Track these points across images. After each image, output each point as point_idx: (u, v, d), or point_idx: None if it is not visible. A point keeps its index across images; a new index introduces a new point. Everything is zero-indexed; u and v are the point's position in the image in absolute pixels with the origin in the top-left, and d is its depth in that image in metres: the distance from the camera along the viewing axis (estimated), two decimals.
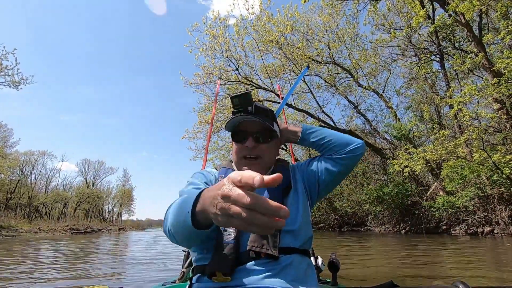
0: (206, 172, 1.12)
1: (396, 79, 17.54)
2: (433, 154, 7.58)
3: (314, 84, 17.42)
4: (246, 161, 1.06)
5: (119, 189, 57.18)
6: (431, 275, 3.33)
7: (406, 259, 4.93)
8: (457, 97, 7.81)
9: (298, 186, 1.09)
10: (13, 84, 16.17)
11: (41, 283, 3.43)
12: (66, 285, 3.36)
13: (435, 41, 12.24)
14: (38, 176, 44.79)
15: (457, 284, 0.57)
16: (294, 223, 0.97)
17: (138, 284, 3.22)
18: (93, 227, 31.95)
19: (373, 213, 14.96)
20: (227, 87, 14.58)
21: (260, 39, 13.05)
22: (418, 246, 7.08)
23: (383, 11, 14.67)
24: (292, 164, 1.21)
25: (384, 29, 15.13)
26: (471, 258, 4.87)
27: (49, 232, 24.27)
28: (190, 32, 12.66)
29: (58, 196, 43.66)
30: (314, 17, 15.58)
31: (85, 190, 47.91)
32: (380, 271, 3.82)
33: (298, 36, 14.61)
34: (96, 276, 3.88)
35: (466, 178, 8.79)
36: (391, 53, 16.65)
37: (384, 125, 16.43)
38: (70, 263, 5.36)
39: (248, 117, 1.03)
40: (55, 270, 4.54)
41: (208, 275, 0.85)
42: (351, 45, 15.73)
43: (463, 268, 3.89)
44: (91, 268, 4.67)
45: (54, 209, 46.01)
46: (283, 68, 14.59)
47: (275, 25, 13.30)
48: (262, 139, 1.07)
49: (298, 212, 1.00)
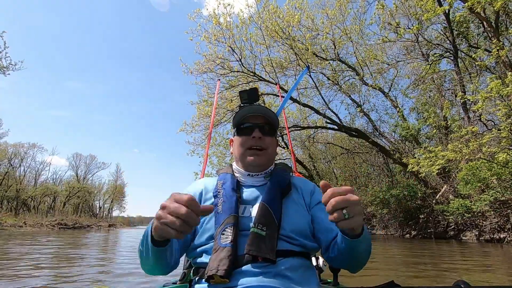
0: (195, 186, 1.13)
1: (402, 79, 17.01)
2: (457, 153, 6.97)
3: (317, 82, 16.84)
4: (252, 151, 1.07)
5: (111, 184, 55.85)
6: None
7: (426, 269, 4.29)
8: (482, 93, 7.22)
9: (300, 195, 1.07)
10: (1, 69, 15.16)
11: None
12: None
13: (449, 38, 11.68)
14: (27, 169, 43.52)
15: (459, 283, 0.55)
16: (292, 225, 0.96)
17: (138, 285, 3.22)
18: (82, 223, 30.89)
19: (378, 216, 14.36)
20: (228, 79, 13.91)
21: (266, 28, 12.37)
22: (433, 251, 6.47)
23: (390, 9, 14.15)
24: (299, 177, 1.23)
25: (391, 28, 14.63)
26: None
27: (35, 227, 23.21)
28: (192, 17, 11.91)
29: (47, 189, 42.34)
30: (320, 11, 15.01)
31: (75, 184, 46.59)
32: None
33: (303, 31, 14.07)
34: (96, 275, 3.83)
35: (485, 180, 8.21)
36: (399, 53, 16.24)
37: (391, 125, 15.88)
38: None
39: (258, 108, 1.10)
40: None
41: (206, 278, 0.85)
42: (358, 42, 15.17)
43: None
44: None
45: (43, 203, 44.69)
46: (289, 60, 13.95)
47: (281, 16, 12.67)
48: (267, 132, 1.10)
49: (297, 215, 1.00)
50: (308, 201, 1.07)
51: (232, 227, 0.90)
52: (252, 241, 0.88)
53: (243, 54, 12.85)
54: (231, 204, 0.96)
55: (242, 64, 12.87)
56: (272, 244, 0.88)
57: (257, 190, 1.04)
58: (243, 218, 0.96)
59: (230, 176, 1.09)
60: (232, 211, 0.94)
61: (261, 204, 0.96)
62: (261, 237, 0.88)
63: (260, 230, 0.89)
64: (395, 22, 14.09)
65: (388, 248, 8.19)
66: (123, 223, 58.34)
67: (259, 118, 1.10)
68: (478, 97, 7.16)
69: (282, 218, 0.95)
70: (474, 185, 8.49)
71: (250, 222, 0.94)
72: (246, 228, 0.93)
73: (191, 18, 12.02)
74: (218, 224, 0.93)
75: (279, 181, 1.05)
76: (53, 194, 43.70)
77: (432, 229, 11.47)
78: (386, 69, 16.44)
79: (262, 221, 0.91)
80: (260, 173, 1.09)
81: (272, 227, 0.91)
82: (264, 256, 0.86)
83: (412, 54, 15.74)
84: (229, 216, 0.93)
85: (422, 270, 4.29)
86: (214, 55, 12.33)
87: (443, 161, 7.33)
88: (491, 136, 6.76)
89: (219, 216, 0.95)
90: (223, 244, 0.88)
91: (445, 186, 11.30)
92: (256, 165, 1.07)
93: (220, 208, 0.96)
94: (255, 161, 1.06)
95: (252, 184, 1.07)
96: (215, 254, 0.87)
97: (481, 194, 8.50)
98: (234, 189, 1.02)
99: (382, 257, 5.94)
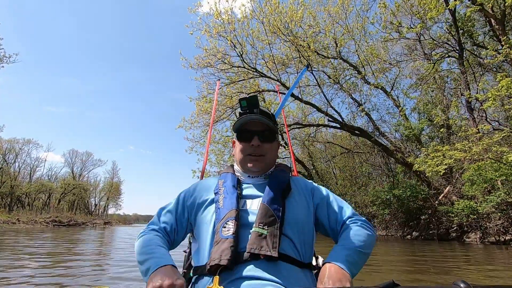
0: (194, 186, 1.16)
1: (403, 79, 16.82)
2: (467, 152, 6.75)
3: (319, 80, 16.59)
4: (251, 158, 1.11)
5: (107, 182, 55.27)
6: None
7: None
8: (492, 91, 7.02)
9: (301, 195, 1.09)
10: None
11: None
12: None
13: (455, 37, 11.48)
14: (22, 165, 42.94)
15: (458, 283, 0.55)
16: (294, 223, 0.98)
17: (138, 285, 3.21)
18: (77, 220, 30.45)
19: (379, 216, 14.15)
20: (228, 76, 13.64)
21: (268, 23, 12.09)
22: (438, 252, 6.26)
23: (392, 9, 13.96)
24: (298, 176, 1.31)
25: (393, 28, 14.44)
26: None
27: (29, 224, 22.78)
28: (193, 10, 11.62)
29: (42, 186, 41.76)
30: (321, 9, 14.76)
31: (71, 181, 46.00)
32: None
33: (305, 28, 13.82)
34: (96, 275, 3.78)
35: (490, 181, 8.02)
36: (401, 53, 16.05)
37: (392, 125, 15.68)
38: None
39: (256, 117, 1.11)
40: None
41: (209, 268, 0.86)
42: (360, 41, 14.95)
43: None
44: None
45: (37, 200, 44.12)
46: (291, 57, 13.70)
47: (284, 11, 12.41)
48: (266, 139, 1.12)
49: (298, 213, 1.01)
50: (310, 200, 1.09)
51: (234, 220, 0.92)
52: (254, 240, 0.89)
53: (244, 50, 12.58)
54: (232, 200, 0.99)
55: (243, 60, 12.59)
56: (273, 242, 0.89)
57: (257, 188, 1.08)
58: (243, 212, 0.98)
59: (230, 174, 1.13)
60: (234, 206, 0.97)
61: (261, 204, 0.98)
62: (263, 236, 0.89)
63: (261, 229, 0.90)
64: (397, 21, 13.91)
65: (390, 251, 7.98)
66: (119, 221, 57.80)
67: (258, 125, 1.13)
68: (488, 95, 6.94)
69: (284, 216, 0.97)
70: (480, 186, 8.29)
71: (248, 215, 0.97)
72: (246, 222, 0.95)
73: (192, 11, 11.73)
74: (219, 218, 0.95)
75: (279, 181, 1.08)
76: (48, 191, 43.15)
77: (434, 230, 11.28)
78: (388, 68, 16.25)
79: (263, 220, 0.93)
80: (260, 176, 1.13)
81: (273, 225, 0.92)
82: (265, 253, 0.86)
83: (414, 53, 15.59)
84: (231, 210, 0.95)
85: (427, 272, 4.15)
86: (215, 49, 12.03)
87: (451, 161, 7.11)
88: (502, 135, 6.55)
89: (220, 211, 0.97)
90: (224, 236, 0.89)
91: (448, 187, 11.12)
92: (255, 171, 1.11)
93: (221, 204, 0.99)
94: (254, 167, 1.10)
95: (252, 182, 1.11)
96: (216, 246, 0.89)
97: (488, 195, 8.30)
98: (235, 186, 1.06)
99: (385, 260, 5.72)
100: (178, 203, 1.11)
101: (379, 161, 16.89)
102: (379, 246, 9.55)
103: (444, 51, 12.81)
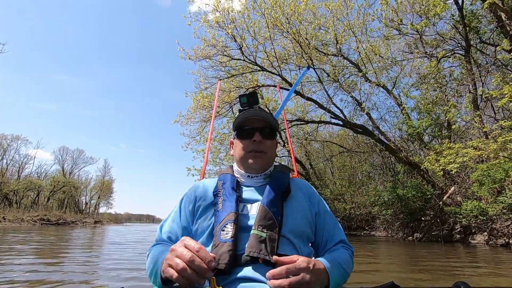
0: (194, 189, 1.13)
1: (405, 78, 16.57)
2: (483, 150, 6.41)
3: (320, 76, 16.23)
4: (253, 154, 1.09)
5: (98, 180, 54.11)
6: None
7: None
8: (506, 87, 6.69)
9: (301, 198, 1.08)
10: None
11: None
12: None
13: (462, 33, 11.19)
14: (10, 161, 41.74)
15: (458, 284, 0.53)
16: (293, 227, 0.97)
17: (139, 284, 3.14)
18: (66, 219, 29.54)
19: (381, 217, 13.80)
20: (227, 70, 13.16)
21: (268, 16, 11.64)
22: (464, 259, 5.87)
23: (393, 6, 13.68)
24: (298, 178, 1.25)
25: (394, 25, 14.18)
26: None
27: (15, 222, 21.90)
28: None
29: (31, 183, 40.59)
30: (322, 4, 14.39)
31: (61, 179, 44.83)
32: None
33: (305, 25, 13.44)
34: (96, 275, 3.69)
35: (501, 182, 7.71)
36: (403, 51, 15.77)
37: (394, 123, 15.41)
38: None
39: (257, 112, 1.10)
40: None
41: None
42: (361, 38, 14.62)
43: None
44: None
45: (26, 197, 42.88)
46: (293, 50, 13.31)
47: (286, 4, 11.99)
48: (267, 135, 1.12)
49: (297, 216, 1.01)
50: (310, 204, 1.09)
51: (233, 223, 0.91)
52: (253, 243, 0.88)
53: (244, 43, 12.10)
54: (231, 202, 0.98)
55: (243, 53, 12.12)
56: (272, 246, 0.88)
57: (257, 190, 1.07)
58: (242, 216, 0.97)
59: (230, 176, 1.11)
60: (233, 208, 0.95)
61: (260, 206, 0.96)
62: (262, 238, 0.88)
63: (260, 232, 0.89)
64: (398, 19, 13.66)
65: (391, 253, 7.59)
66: (110, 220, 56.65)
67: (259, 121, 1.12)
68: (504, 92, 6.61)
69: (283, 220, 0.96)
70: (490, 186, 7.98)
71: (248, 220, 0.96)
72: (245, 226, 0.94)
73: (189, 1, 11.19)
74: (218, 221, 0.94)
75: (279, 183, 1.06)
76: (37, 189, 41.96)
77: (438, 231, 10.97)
78: (389, 66, 15.97)
79: (262, 223, 0.91)
80: (260, 175, 1.11)
81: (272, 228, 0.91)
82: (265, 257, 0.85)
83: (416, 52, 15.32)
84: (230, 213, 0.94)
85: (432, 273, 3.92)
86: (214, 40, 11.50)
87: (466, 158, 6.78)
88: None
89: (219, 214, 0.96)
90: (223, 240, 0.89)
91: (453, 187, 10.81)
92: (257, 168, 1.10)
93: (220, 206, 0.98)
94: (255, 164, 1.09)
95: (252, 185, 1.09)
96: (214, 250, 0.88)
97: (498, 196, 8.00)
98: (234, 188, 1.04)
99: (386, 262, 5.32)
100: (180, 210, 1.10)
101: (380, 161, 16.60)
102: (380, 246, 9.24)
103: (449, 48, 12.54)
